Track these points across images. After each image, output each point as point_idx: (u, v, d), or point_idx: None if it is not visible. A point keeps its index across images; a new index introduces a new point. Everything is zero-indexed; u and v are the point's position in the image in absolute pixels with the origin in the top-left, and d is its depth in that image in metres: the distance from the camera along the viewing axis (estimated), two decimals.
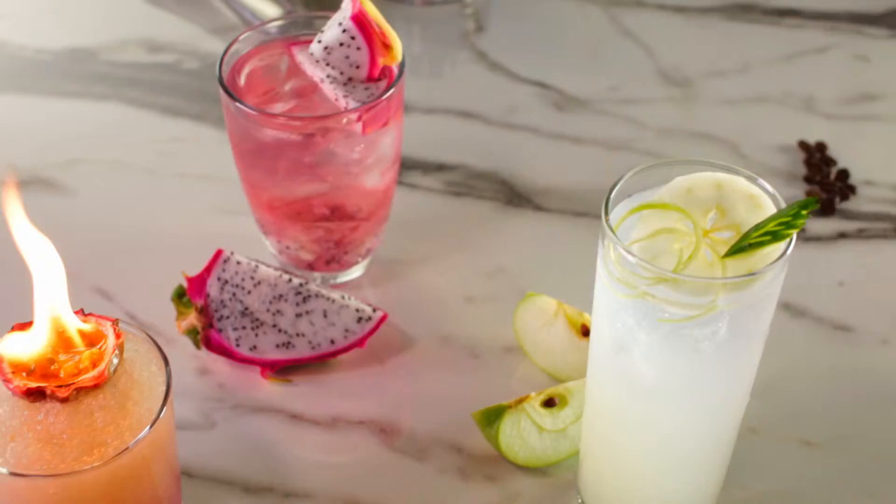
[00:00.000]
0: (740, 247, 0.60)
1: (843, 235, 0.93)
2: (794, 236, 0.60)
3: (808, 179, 0.98)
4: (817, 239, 0.93)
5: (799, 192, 0.97)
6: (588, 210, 0.95)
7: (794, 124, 1.03)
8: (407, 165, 0.99)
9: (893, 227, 0.94)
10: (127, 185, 0.98)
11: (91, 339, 0.69)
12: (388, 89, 0.79)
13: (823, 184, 0.97)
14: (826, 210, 0.95)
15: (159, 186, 0.98)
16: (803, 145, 1.01)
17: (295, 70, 0.82)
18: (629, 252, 0.59)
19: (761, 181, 0.63)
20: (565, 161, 0.99)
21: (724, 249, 0.60)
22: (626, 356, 0.63)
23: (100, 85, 1.07)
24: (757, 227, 0.60)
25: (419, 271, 0.91)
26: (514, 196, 0.96)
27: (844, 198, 0.96)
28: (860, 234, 0.93)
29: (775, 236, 0.59)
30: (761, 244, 0.59)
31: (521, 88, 1.07)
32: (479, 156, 1.00)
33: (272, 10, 1.08)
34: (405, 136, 0.99)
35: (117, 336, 0.68)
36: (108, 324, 0.69)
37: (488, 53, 1.10)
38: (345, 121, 0.78)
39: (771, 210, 0.62)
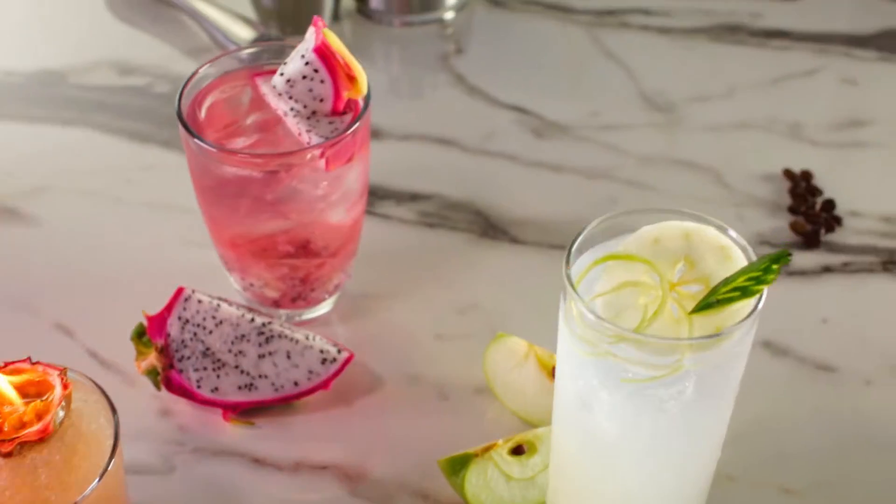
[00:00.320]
0: (708, 303, 0.57)
1: (827, 269, 0.91)
2: (765, 291, 0.57)
3: (792, 210, 0.95)
4: (801, 273, 0.90)
5: (783, 222, 0.94)
6: (565, 242, 0.92)
7: (779, 152, 1.00)
8: (380, 195, 0.96)
9: (880, 260, 0.91)
10: (92, 214, 0.95)
11: (38, 389, 0.66)
12: (352, 124, 0.77)
13: (808, 215, 0.94)
14: (810, 243, 0.92)
15: (125, 216, 0.95)
16: (788, 174, 0.98)
17: (258, 102, 0.80)
18: (589, 310, 0.56)
19: (731, 232, 0.60)
20: (543, 190, 0.97)
21: (691, 304, 0.57)
22: (588, 413, 0.60)
23: (68, 109, 1.05)
24: (726, 281, 0.57)
25: (389, 307, 0.88)
26: (489, 227, 0.94)
27: (830, 230, 0.93)
28: (845, 269, 0.91)
29: (744, 292, 0.56)
30: (730, 300, 0.56)
31: (499, 113, 1.04)
32: (454, 185, 0.97)
33: (245, 33, 1.05)
34: (378, 164, 0.97)
35: (65, 387, 0.66)
36: (56, 373, 0.66)
37: (467, 76, 1.08)
38: (308, 157, 0.76)
39: (741, 262, 0.59)
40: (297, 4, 1.10)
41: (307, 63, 0.76)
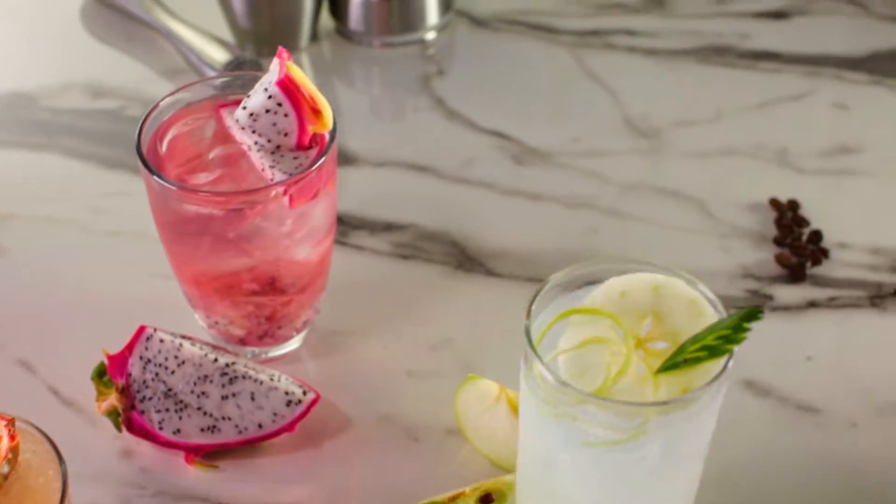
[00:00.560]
0: (674, 363, 0.54)
1: (812, 304, 0.88)
2: (735, 351, 0.55)
3: (778, 241, 0.92)
4: (785, 308, 0.88)
5: (768, 254, 0.91)
6: (542, 275, 0.90)
7: (766, 179, 0.98)
8: (353, 225, 0.93)
9: (867, 295, 0.88)
10: (58, 244, 0.93)
11: None
12: (317, 159, 0.74)
13: (794, 247, 0.92)
14: (796, 276, 0.90)
15: (92, 246, 0.93)
16: (775, 203, 0.95)
17: (222, 135, 0.77)
18: (549, 371, 0.54)
19: (701, 286, 0.57)
20: (521, 220, 0.94)
21: (658, 362, 0.55)
22: (551, 473, 0.58)
23: (37, 133, 1.02)
24: (694, 339, 0.54)
25: (360, 343, 0.85)
26: (465, 259, 0.91)
27: (816, 262, 0.91)
28: (831, 304, 0.88)
29: (713, 352, 0.54)
30: (697, 360, 0.54)
31: (478, 139, 1.01)
32: (430, 214, 0.94)
33: (219, 55, 1.03)
34: (353, 192, 0.95)
35: (11, 438, 0.63)
36: (2, 423, 0.64)
37: (446, 100, 1.05)
38: (272, 194, 0.73)
39: (712, 318, 0.56)
40: (274, 25, 1.07)
41: (270, 97, 0.74)
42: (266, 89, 0.74)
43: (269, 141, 0.75)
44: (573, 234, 0.93)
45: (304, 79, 0.74)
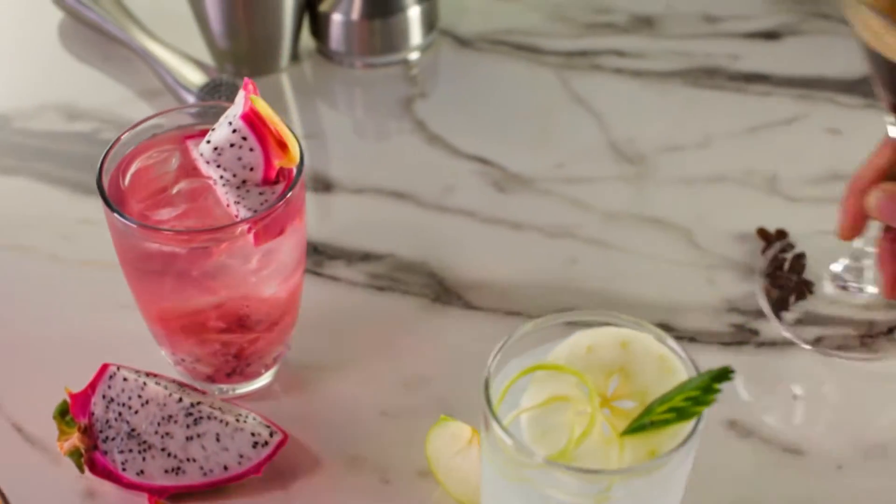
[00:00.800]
0: (641, 424, 0.52)
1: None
2: (705, 413, 0.52)
3: (764, 274, 0.90)
4: (771, 344, 0.85)
5: (755, 287, 0.89)
6: (521, 309, 0.87)
7: (755, 208, 0.95)
8: (329, 254, 0.91)
9: (857, 333, 0.86)
10: (27, 272, 0.91)
11: None
12: (283, 194, 0.72)
13: (776, 277, 0.89)
14: (782, 310, 0.87)
15: (61, 275, 0.90)
16: (762, 233, 0.93)
17: (188, 168, 0.75)
18: (507, 434, 0.51)
19: (671, 341, 0.55)
20: (501, 250, 0.92)
21: (624, 423, 0.52)
22: None
23: (9, 157, 1.00)
24: (662, 399, 0.52)
25: (333, 379, 0.83)
26: (442, 291, 0.88)
27: (801, 296, 0.88)
28: (819, 341, 0.85)
29: (681, 414, 0.51)
30: (665, 423, 0.51)
31: (459, 164, 0.99)
32: (408, 244, 0.92)
33: (196, 77, 1.00)
34: (330, 219, 0.92)
35: None
36: None
37: (428, 123, 1.02)
38: (237, 231, 0.71)
39: (682, 375, 0.54)
40: (253, 46, 1.05)
41: (235, 130, 0.71)
42: (230, 123, 0.72)
43: (234, 175, 0.73)
44: (554, 264, 0.91)
45: (269, 112, 0.71)
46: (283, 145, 0.72)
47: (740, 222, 0.94)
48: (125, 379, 0.76)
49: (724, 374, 0.52)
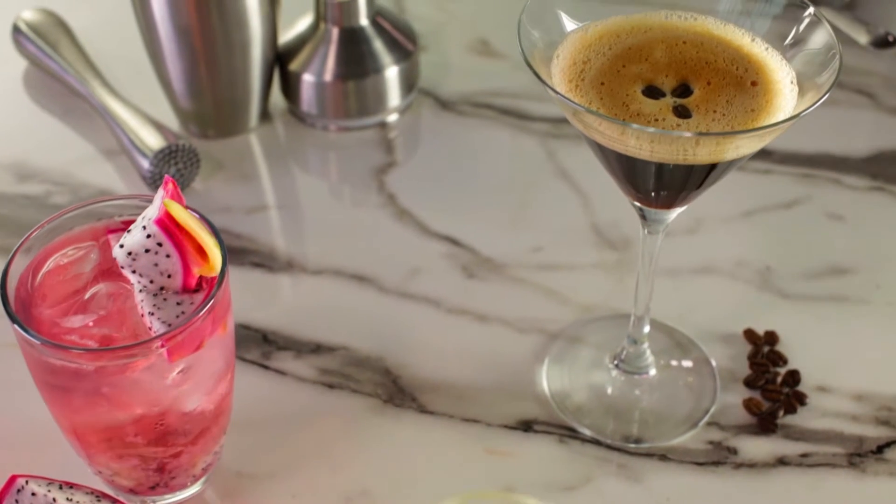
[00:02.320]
0: None
1: (782, 462, 0.78)
2: None
3: (748, 383, 0.82)
4: (750, 465, 0.78)
5: (736, 398, 0.81)
6: (479, 416, 0.80)
7: (744, 304, 0.88)
8: (279, 345, 0.85)
9: (845, 451, 0.78)
10: None
11: None
12: (201, 307, 0.65)
13: (767, 390, 0.82)
14: (766, 427, 0.80)
15: None
16: (750, 336, 0.85)
17: (107, 267, 0.69)
18: None
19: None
20: (464, 345, 0.85)
21: None
22: None
23: None
24: None
25: (268, 489, 0.77)
26: (396, 392, 0.82)
27: (790, 410, 0.81)
28: (804, 461, 0.78)
29: None
30: None
31: (427, 245, 0.92)
32: (364, 335, 0.85)
33: (154, 140, 0.94)
34: (284, 304, 0.86)
35: None
36: None
37: (398, 197, 0.96)
38: (151, 348, 0.64)
39: None
40: (218, 107, 0.98)
41: (149, 236, 0.65)
42: (145, 227, 0.65)
43: (151, 281, 0.66)
44: (520, 363, 0.84)
45: (186, 218, 0.65)
46: (202, 253, 0.65)
47: (727, 321, 0.86)
48: (34, 494, 0.69)
49: None
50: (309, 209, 0.95)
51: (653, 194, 0.70)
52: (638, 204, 0.72)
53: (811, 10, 0.69)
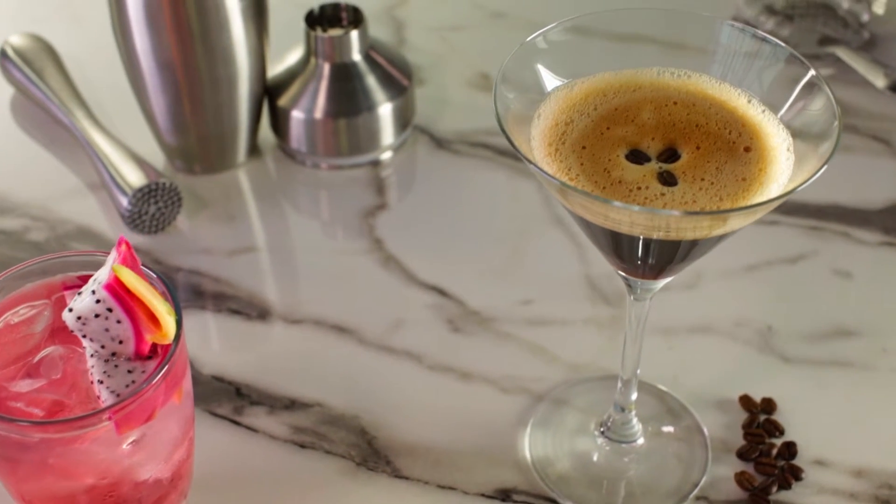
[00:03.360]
0: None
1: None
2: None
3: (742, 455, 0.78)
4: None
5: (728, 471, 0.77)
6: (455, 483, 0.77)
7: (742, 367, 0.84)
8: (252, 399, 0.81)
9: None
10: None
11: None
12: (152, 376, 0.62)
13: (761, 463, 0.77)
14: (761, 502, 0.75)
15: None
16: (746, 402, 0.81)
17: (60, 325, 0.65)
18: None
19: None
20: (444, 405, 0.81)
21: None
22: None
23: None
24: None
25: None
26: (370, 454, 0.78)
27: (785, 486, 0.76)
28: None
29: None
30: None
31: (413, 295, 0.88)
32: (341, 390, 0.82)
33: (135, 177, 0.91)
34: (259, 355, 0.83)
35: None
36: None
37: (386, 242, 0.92)
38: (99, 420, 0.61)
39: None
40: (203, 142, 0.95)
41: (98, 301, 0.62)
42: (94, 291, 0.62)
43: (102, 347, 0.63)
44: (502, 426, 0.80)
45: (137, 284, 0.61)
46: (155, 320, 0.62)
47: (722, 385, 0.82)
48: None
49: None
50: (292, 253, 0.92)
51: (639, 264, 0.66)
52: (623, 274, 0.68)
53: (812, 72, 0.65)
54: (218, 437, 0.79)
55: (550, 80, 0.67)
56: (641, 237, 0.62)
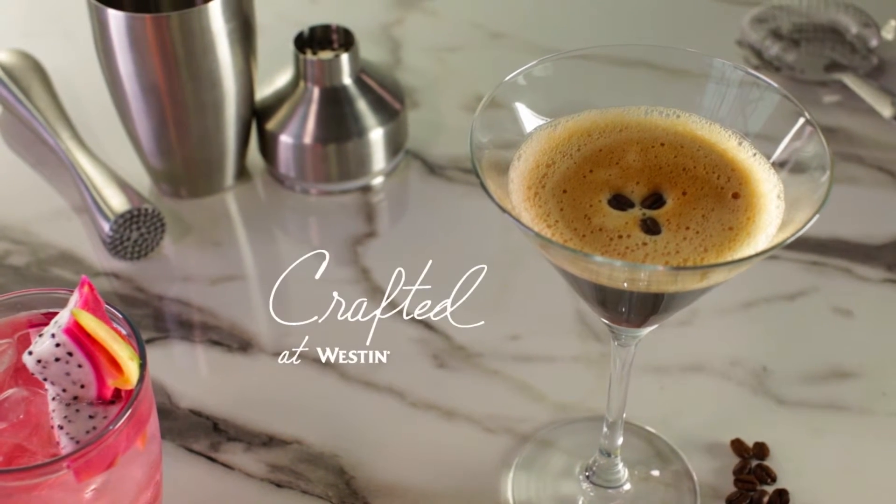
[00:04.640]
0: None
1: None
2: None
3: (732, 502, 0.76)
4: None
5: None
6: None
7: (735, 410, 0.81)
8: (230, 435, 0.79)
9: None
10: None
11: None
12: (114, 421, 0.60)
13: None
14: None
15: None
16: (737, 446, 0.78)
17: (22, 367, 0.63)
18: None
19: None
20: (425, 445, 0.79)
21: None
22: None
23: None
24: None
25: None
26: (348, 495, 0.76)
27: None
28: None
29: None
30: None
31: (398, 329, 0.86)
32: (320, 427, 0.80)
33: (117, 202, 0.89)
34: (240, 390, 0.81)
35: None
36: None
37: (372, 272, 0.90)
38: (60, 467, 0.59)
39: None
40: (189, 166, 0.93)
41: (58, 344, 0.60)
42: (54, 335, 0.60)
43: (64, 390, 0.61)
44: (485, 468, 0.78)
45: (97, 329, 0.59)
46: (117, 364, 0.60)
47: (714, 428, 0.80)
48: None
49: None
50: (276, 282, 0.90)
51: (622, 312, 0.63)
52: (606, 321, 0.65)
53: (806, 115, 0.62)
54: (193, 473, 0.77)
55: (532, 120, 0.64)
56: (623, 288, 0.59)
